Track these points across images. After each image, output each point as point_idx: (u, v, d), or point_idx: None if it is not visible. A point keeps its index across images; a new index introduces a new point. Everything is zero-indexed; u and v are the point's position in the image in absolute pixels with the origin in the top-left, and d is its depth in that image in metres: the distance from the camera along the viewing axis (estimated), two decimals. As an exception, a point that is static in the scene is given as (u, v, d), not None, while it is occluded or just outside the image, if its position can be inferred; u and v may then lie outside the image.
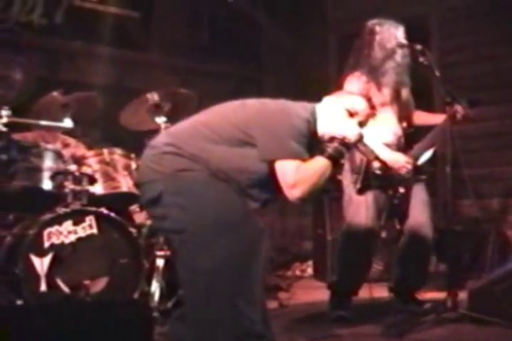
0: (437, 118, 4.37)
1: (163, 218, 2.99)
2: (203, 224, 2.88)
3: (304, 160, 2.95)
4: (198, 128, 3.04)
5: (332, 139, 3.07)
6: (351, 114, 3.16)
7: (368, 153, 3.30)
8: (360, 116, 3.18)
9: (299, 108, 3.11)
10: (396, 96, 4.34)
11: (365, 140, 3.95)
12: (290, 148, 2.93)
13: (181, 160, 2.94)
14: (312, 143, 3.07)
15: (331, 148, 3.02)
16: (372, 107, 3.30)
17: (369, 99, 3.32)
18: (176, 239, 3.01)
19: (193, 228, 2.88)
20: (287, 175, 2.91)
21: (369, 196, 4.25)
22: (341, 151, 3.05)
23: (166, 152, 2.98)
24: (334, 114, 3.15)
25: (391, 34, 4.31)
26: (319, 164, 2.98)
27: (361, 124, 3.18)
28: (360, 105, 3.22)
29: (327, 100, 3.26)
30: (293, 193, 2.92)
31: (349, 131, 3.10)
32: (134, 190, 4.51)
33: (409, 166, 4.23)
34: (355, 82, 4.25)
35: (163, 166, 2.96)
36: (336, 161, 3.03)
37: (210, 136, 2.99)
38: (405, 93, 4.41)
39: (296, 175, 2.90)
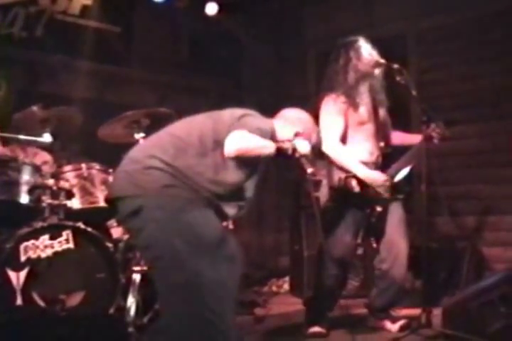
0: (414, 139, 4.41)
1: (139, 231, 3.01)
2: (178, 241, 2.90)
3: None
4: (172, 140, 3.11)
5: (288, 141, 3.31)
6: (298, 135, 3.38)
7: (307, 166, 3.38)
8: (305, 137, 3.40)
9: (263, 121, 3.37)
10: (373, 116, 4.38)
11: (341, 157, 4.03)
12: (249, 128, 3.13)
13: (165, 176, 2.98)
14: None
15: (283, 143, 3.26)
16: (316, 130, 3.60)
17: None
18: (147, 254, 3.08)
19: (166, 245, 2.91)
20: (236, 135, 3.07)
21: (347, 213, 4.28)
22: (287, 151, 3.24)
23: (150, 167, 3.01)
24: (286, 135, 3.38)
25: (368, 55, 4.35)
26: (265, 142, 3.17)
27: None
28: (308, 126, 3.52)
29: (282, 116, 3.56)
30: (229, 149, 3.04)
31: (302, 146, 3.31)
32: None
33: (387, 185, 4.25)
34: (331, 103, 4.29)
35: (146, 182, 2.98)
36: (278, 152, 3.21)
37: (183, 147, 3.07)
38: (382, 112, 4.45)
39: (241, 138, 3.06)
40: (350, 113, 4.30)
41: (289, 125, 3.44)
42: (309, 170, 3.29)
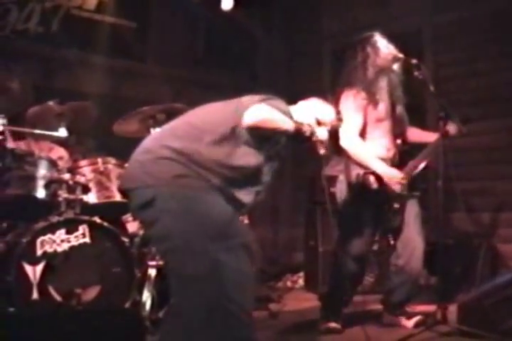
0: (431, 136, 4.38)
1: (152, 223, 2.97)
2: (192, 232, 2.87)
3: None
4: (191, 131, 3.06)
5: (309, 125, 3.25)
6: (319, 123, 3.34)
7: (321, 149, 3.34)
8: (326, 125, 3.37)
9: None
10: (391, 112, 4.37)
11: (360, 153, 4.01)
12: (270, 105, 3.09)
13: (178, 166, 2.94)
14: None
15: (304, 126, 3.18)
16: (339, 119, 3.53)
17: (338, 112, 3.56)
18: (161, 246, 3.03)
19: (182, 236, 2.88)
20: (255, 108, 3.05)
21: (364, 210, 4.27)
22: (305, 133, 3.17)
23: (162, 157, 2.97)
24: (305, 120, 3.30)
25: (385, 49, 4.33)
26: (286, 119, 3.12)
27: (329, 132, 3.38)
28: (329, 116, 3.43)
29: (301, 105, 3.45)
30: (246, 120, 3.01)
31: (320, 132, 3.28)
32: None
33: (404, 182, 4.24)
34: (351, 99, 4.27)
35: (159, 172, 2.94)
36: (296, 132, 3.15)
37: (198, 135, 3.02)
38: (399, 109, 4.44)
39: (263, 109, 3.04)
40: (369, 110, 4.28)
41: (309, 112, 3.39)
42: (322, 152, 3.26)
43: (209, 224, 2.90)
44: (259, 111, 3.04)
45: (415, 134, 4.54)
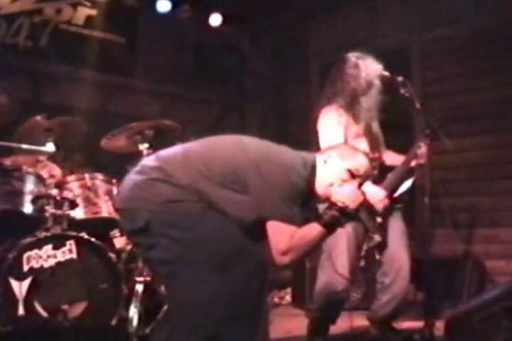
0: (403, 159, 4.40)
1: (151, 247, 2.87)
2: (197, 257, 2.78)
3: (296, 223, 2.84)
4: (192, 159, 2.91)
5: (331, 205, 2.92)
6: (353, 176, 3.01)
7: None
8: (361, 177, 3.04)
9: (299, 163, 2.98)
10: (368, 129, 4.39)
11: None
12: (287, 209, 2.83)
13: (172, 189, 2.82)
14: (307, 199, 2.98)
15: (328, 216, 2.88)
16: (373, 167, 3.21)
17: (369, 158, 3.21)
18: (163, 269, 2.91)
19: (186, 260, 2.78)
20: (280, 241, 2.80)
21: (348, 226, 4.27)
22: (339, 219, 2.89)
23: (156, 179, 2.85)
24: (336, 175, 3.00)
25: (369, 68, 4.36)
26: (314, 233, 2.86)
27: (360, 185, 3.03)
28: (363, 165, 3.07)
29: (329, 155, 3.08)
30: (283, 260, 2.83)
31: (350, 198, 2.93)
32: (115, 215, 4.53)
33: (386, 202, 4.23)
34: (333, 114, 4.29)
35: (153, 195, 2.83)
36: (332, 229, 2.90)
37: (203, 170, 2.86)
38: (375, 126, 4.46)
39: (290, 243, 2.80)
40: (349, 125, 4.29)
41: (339, 164, 3.03)
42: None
43: (213, 250, 2.79)
44: (287, 250, 2.79)
45: (391, 157, 4.54)
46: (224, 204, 2.85)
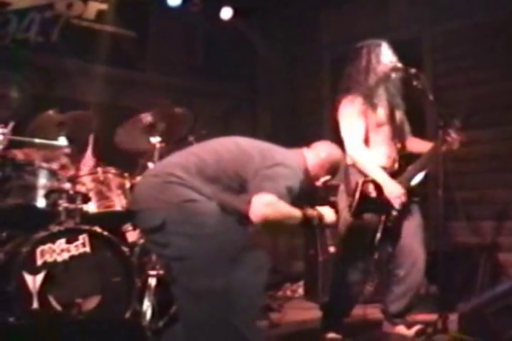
0: (430, 146, 4.38)
1: (165, 245, 3.01)
2: (207, 252, 2.92)
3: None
4: (199, 165, 3.10)
5: (317, 205, 3.35)
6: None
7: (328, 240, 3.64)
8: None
9: (293, 160, 3.30)
10: (390, 118, 4.36)
11: (364, 161, 4.00)
12: (278, 187, 3.08)
13: (186, 191, 2.99)
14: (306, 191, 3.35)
15: (310, 212, 3.31)
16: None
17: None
18: (176, 265, 3.03)
19: (198, 255, 2.93)
20: (268, 196, 3.03)
21: (363, 219, 4.26)
22: (313, 220, 3.33)
23: (170, 181, 3.01)
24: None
25: (385, 57, 4.34)
26: (293, 212, 3.19)
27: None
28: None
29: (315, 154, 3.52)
30: (261, 209, 3.01)
31: (328, 215, 3.41)
32: (128, 209, 4.54)
33: (404, 199, 4.21)
34: (349, 105, 4.28)
35: (167, 195, 2.99)
36: (305, 221, 3.27)
37: (211, 174, 3.08)
38: (399, 115, 4.44)
39: (275, 200, 3.03)
40: (369, 114, 4.27)
41: (321, 165, 3.50)
42: (331, 249, 3.37)
43: (223, 246, 2.96)
44: (267, 208, 3.02)
45: (415, 144, 4.53)
46: (232, 202, 3.06)
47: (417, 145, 4.51)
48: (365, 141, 4.28)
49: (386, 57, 4.35)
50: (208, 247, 2.92)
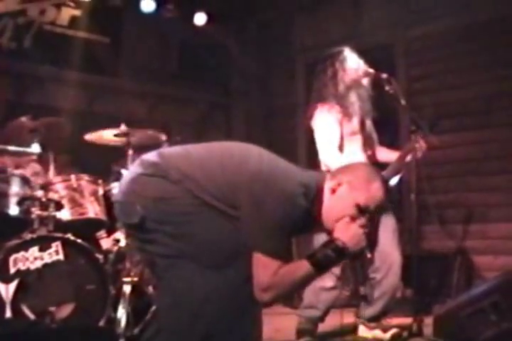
0: (397, 155, 4.40)
1: (149, 242, 2.79)
2: (195, 252, 2.70)
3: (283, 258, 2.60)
4: (192, 162, 2.79)
5: (328, 242, 2.61)
6: (361, 211, 2.64)
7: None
8: (371, 213, 2.67)
9: (300, 192, 2.66)
10: (362, 126, 4.39)
11: None
12: (275, 242, 2.61)
13: (167, 185, 2.73)
14: (307, 226, 2.77)
15: (321, 255, 2.58)
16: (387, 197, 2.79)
17: (386, 187, 2.78)
18: (162, 261, 2.81)
19: (185, 255, 2.71)
20: (263, 276, 2.58)
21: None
22: (332, 260, 2.59)
23: (151, 174, 2.76)
24: (342, 210, 2.66)
25: (354, 64, 4.36)
26: (301, 272, 2.59)
27: (370, 220, 2.68)
28: (376, 199, 2.69)
29: (339, 182, 2.71)
30: (262, 296, 2.59)
31: (353, 240, 2.59)
32: (101, 216, 4.53)
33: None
34: (326, 113, 4.29)
35: (146, 190, 2.75)
36: (322, 269, 2.60)
37: (199, 177, 2.73)
38: (368, 123, 4.46)
39: (273, 280, 2.56)
40: (344, 123, 4.29)
41: (348, 196, 2.68)
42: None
43: (208, 244, 2.69)
44: (266, 295, 2.58)
45: (384, 154, 4.54)
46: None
47: (386, 154, 4.52)
48: (339, 149, 4.29)
49: (351, 61, 4.37)
50: (193, 247, 2.69)
